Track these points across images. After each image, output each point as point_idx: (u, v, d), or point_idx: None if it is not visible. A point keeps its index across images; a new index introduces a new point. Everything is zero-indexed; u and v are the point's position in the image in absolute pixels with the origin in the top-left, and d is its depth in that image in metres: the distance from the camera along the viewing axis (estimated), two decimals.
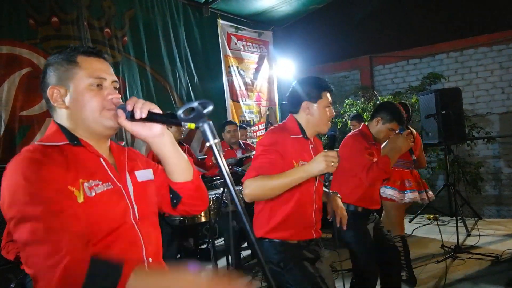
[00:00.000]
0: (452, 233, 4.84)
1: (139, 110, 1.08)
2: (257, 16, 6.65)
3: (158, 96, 5.03)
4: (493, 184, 6.98)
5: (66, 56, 1.17)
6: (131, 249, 1.13)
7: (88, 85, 1.15)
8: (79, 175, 1.08)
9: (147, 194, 1.25)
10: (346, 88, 7.97)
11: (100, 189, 1.10)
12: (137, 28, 4.90)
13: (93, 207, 1.06)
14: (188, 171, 1.27)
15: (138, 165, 1.28)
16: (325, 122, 2.07)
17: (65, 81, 1.15)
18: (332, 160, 1.74)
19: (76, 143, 1.13)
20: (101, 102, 1.15)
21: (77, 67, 1.15)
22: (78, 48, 1.19)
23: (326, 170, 1.75)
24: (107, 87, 1.18)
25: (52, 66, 1.17)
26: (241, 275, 4.06)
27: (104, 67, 1.19)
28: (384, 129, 2.81)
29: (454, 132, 5.12)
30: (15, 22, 3.76)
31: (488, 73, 6.98)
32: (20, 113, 3.74)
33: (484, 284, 3.50)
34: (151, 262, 1.17)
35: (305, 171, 1.79)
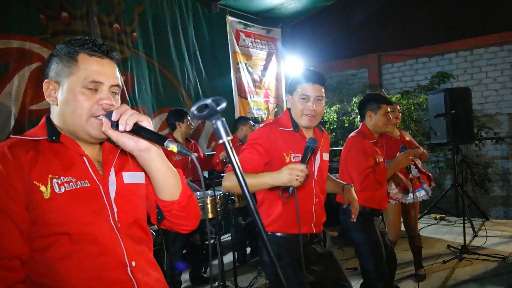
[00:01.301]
0: (459, 234, 4.82)
1: (124, 122, 1.02)
2: (266, 13, 6.63)
3: (166, 92, 5.04)
4: (501, 185, 6.93)
5: (69, 50, 1.11)
6: (110, 252, 1.08)
7: (81, 87, 1.09)
8: (49, 171, 1.05)
9: (132, 197, 1.18)
10: (354, 86, 7.94)
11: (72, 186, 1.06)
12: (146, 23, 4.91)
13: (60, 204, 1.03)
14: (175, 189, 1.19)
15: (129, 166, 1.21)
16: (299, 114, 2.04)
17: (61, 77, 1.11)
18: (298, 174, 1.71)
19: (55, 138, 1.10)
20: (90, 108, 1.09)
21: (75, 66, 1.10)
22: (84, 44, 1.12)
23: (289, 184, 1.73)
24: (103, 91, 1.11)
25: (55, 58, 1.13)
26: (246, 271, 4.09)
27: (105, 69, 1.12)
28: (380, 118, 2.86)
29: (462, 132, 5.09)
30: (25, 17, 3.78)
31: (498, 73, 6.91)
32: (29, 107, 3.77)
33: (490, 285, 3.48)
34: (134, 265, 1.11)
35: (271, 178, 1.79)
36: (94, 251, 1.06)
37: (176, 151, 0.98)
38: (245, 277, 4.00)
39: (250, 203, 0.88)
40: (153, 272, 1.19)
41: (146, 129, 1.04)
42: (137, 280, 1.11)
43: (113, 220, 1.10)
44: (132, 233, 1.15)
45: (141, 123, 1.04)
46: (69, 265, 1.03)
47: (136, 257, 1.13)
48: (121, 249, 1.10)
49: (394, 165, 2.76)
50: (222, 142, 0.89)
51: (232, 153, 0.89)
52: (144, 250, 1.19)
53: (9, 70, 3.64)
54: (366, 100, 2.96)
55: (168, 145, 0.99)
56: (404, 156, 2.76)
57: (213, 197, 3.48)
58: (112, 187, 1.14)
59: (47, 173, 1.04)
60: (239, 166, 0.88)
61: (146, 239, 1.22)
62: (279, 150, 1.97)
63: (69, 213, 1.04)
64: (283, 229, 2.01)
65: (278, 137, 2.00)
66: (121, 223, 1.12)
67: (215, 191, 3.47)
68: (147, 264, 1.17)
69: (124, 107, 1.06)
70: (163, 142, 1.00)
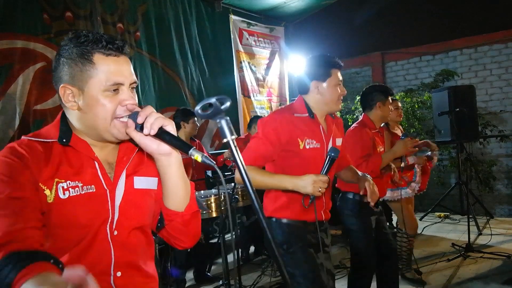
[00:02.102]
0: (463, 232, 4.81)
1: (149, 126, 1.01)
2: (269, 12, 6.62)
3: (170, 91, 5.06)
4: (505, 183, 6.90)
5: (81, 51, 1.04)
6: (98, 260, 1.07)
7: (103, 91, 1.05)
8: (56, 175, 1.03)
9: (140, 203, 1.15)
10: (358, 84, 7.92)
11: (77, 191, 1.04)
12: (150, 23, 4.92)
13: (62, 209, 1.02)
14: (182, 201, 1.16)
15: (142, 170, 1.18)
16: (336, 100, 2.05)
17: (79, 82, 1.05)
18: (321, 185, 1.74)
19: (65, 141, 1.08)
20: (114, 110, 1.06)
21: (93, 69, 1.04)
22: (97, 42, 1.05)
23: (312, 194, 1.76)
24: (124, 90, 1.08)
25: (66, 59, 1.06)
26: (250, 270, 4.10)
27: (123, 68, 1.08)
28: (387, 108, 2.95)
29: (467, 130, 5.07)
30: (29, 16, 3.80)
31: (503, 71, 6.87)
32: (34, 107, 3.79)
33: (495, 284, 3.47)
34: (119, 276, 1.09)
35: (292, 184, 1.81)
36: (81, 255, 1.05)
37: (200, 161, 0.96)
38: (249, 276, 4.01)
39: (253, 197, 0.88)
40: (144, 283, 1.17)
41: (170, 134, 1.02)
42: None
43: (109, 227, 1.08)
44: (130, 241, 1.12)
45: (166, 127, 1.02)
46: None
47: (125, 267, 1.11)
48: (109, 258, 1.08)
49: (391, 154, 2.77)
50: (227, 141, 0.89)
51: (236, 152, 0.89)
52: (140, 259, 1.16)
53: (14, 70, 3.66)
54: (374, 91, 2.99)
55: (193, 153, 0.97)
56: (402, 145, 2.75)
57: (217, 196, 3.49)
58: (119, 192, 1.11)
59: (54, 177, 1.03)
60: (244, 165, 0.88)
61: (147, 245, 1.20)
62: (294, 135, 1.95)
63: (67, 218, 1.03)
64: (292, 216, 2.00)
65: (291, 123, 1.97)
66: (119, 230, 1.10)
67: (219, 190, 3.48)
68: (138, 274, 1.15)
69: (149, 110, 1.04)
70: (188, 150, 0.98)
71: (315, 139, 2.00)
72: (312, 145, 1.98)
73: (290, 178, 1.83)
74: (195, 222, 1.20)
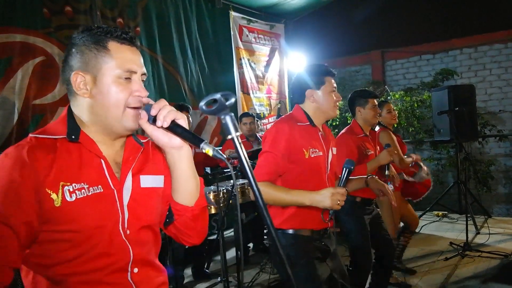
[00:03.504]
0: (461, 231, 4.82)
1: (162, 118, 1.01)
2: (269, 9, 6.60)
3: (169, 87, 5.04)
4: (503, 183, 6.92)
5: (96, 39, 1.06)
6: (117, 259, 1.07)
7: (116, 77, 1.06)
8: (61, 177, 1.02)
9: (147, 202, 1.15)
10: (357, 82, 7.91)
11: (83, 193, 1.03)
12: (150, 18, 4.90)
13: (71, 212, 1.01)
14: (193, 195, 1.17)
15: (148, 169, 1.18)
16: (332, 107, 2.08)
17: (93, 68, 1.06)
18: (339, 198, 1.74)
19: (74, 138, 1.06)
20: (126, 99, 1.07)
21: (107, 55, 1.06)
22: (111, 32, 1.07)
23: (330, 208, 1.76)
24: (136, 80, 1.09)
25: (79, 47, 1.07)
26: (249, 267, 4.10)
27: (135, 57, 1.09)
28: (368, 111, 2.99)
29: (466, 129, 5.08)
30: (29, 11, 3.77)
31: (503, 70, 6.88)
32: (33, 102, 3.76)
33: (493, 283, 3.48)
34: (136, 272, 1.10)
35: (310, 200, 1.80)
36: (97, 255, 1.05)
37: (211, 155, 0.96)
38: (248, 272, 4.01)
39: (261, 205, 0.88)
40: (156, 276, 1.18)
41: (182, 128, 1.03)
42: (138, 286, 1.11)
43: (122, 227, 1.08)
44: (141, 238, 1.13)
45: (178, 121, 1.03)
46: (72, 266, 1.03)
47: (141, 264, 1.12)
48: (128, 256, 1.09)
49: (375, 163, 2.81)
50: (231, 137, 0.88)
51: (241, 149, 0.88)
52: (151, 254, 1.17)
53: (13, 64, 3.64)
54: (353, 97, 3.09)
55: (204, 147, 0.96)
56: (386, 154, 2.78)
57: (216, 192, 3.48)
58: (127, 191, 1.11)
59: (60, 180, 1.01)
60: (248, 162, 0.88)
61: (156, 243, 1.20)
62: (299, 146, 1.97)
63: (79, 220, 1.02)
64: (299, 225, 2.00)
65: (296, 133, 1.99)
66: (130, 229, 1.10)
67: (218, 187, 3.47)
68: (151, 269, 1.16)
69: (163, 103, 1.04)
70: (199, 144, 0.97)
71: (318, 148, 2.02)
72: (315, 154, 2.01)
73: (307, 194, 1.82)
74: (203, 218, 1.21)
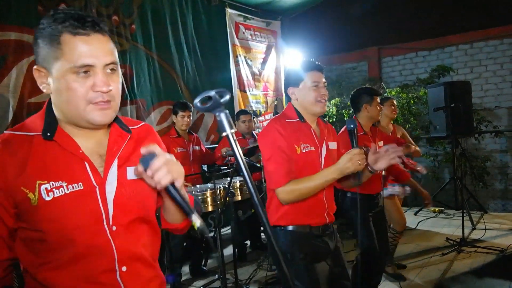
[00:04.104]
0: (457, 227, 4.85)
1: (157, 180, 0.96)
2: (266, 6, 6.58)
3: (165, 85, 5.02)
4: (499, 178, 6.96)
5: (50, 31, 0.98)
6: (100, 258, 1.03)
7: (71, 74, 0.97)
8: (37, 175, 0.98)
9: (136, 194, 1.09)
10: (354, 79, 7.92)
11: (62, 191, 0.98)
12: (145, 16, 4.87)
13: (49, 212, 0.97)
14: (181, 218, 1.18)
15: (135, 159, 1.05)
16: (313, 102, 2.04)
17: (48, 63, 0.99)
18: (358, 158, 1.78)
19: (49, 136, 1.01)
20: (85, 95, 0.99)
21: (58, 50, 0.97)
22: (65, 21, 0.97)
23: (355, 170, 1.81)
24: (97, 73, 0.99)
25: (39, 40, 1.00)
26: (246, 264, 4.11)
27: (94, 49, 0.98)
28: (374, 109, 3.07)
29: (462, 125, 5.09)
30: (23, 8, 3.74)
31: (498, 67, 6.91)
32: (28, 100, 3.74)
33: (488, 278, 3.51)
34: (125, 270, 1.06)
35: (336, 173, 1.85)
36: (81, 255, 1.01)
37: (196, 229, 0.96)
38: (245, 269, 4.02)
39: (257, 202, 0.88)
40: (148, 273, 1.14)
41: (176, 192, 0.98)
42: (127, 285, 1.07)
43: (107, 224, 1.03)
44: (131, 233, 1.08)
45: (177, 181, 0.99)
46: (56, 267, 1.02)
47: (130, 261, 1.08)
48: (112, 254, 1.04)
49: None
50: (226, 135, 0.88)
51: (236, 146, 0.88)
52: (143, 249, 1.12)
53: (7, 62, 3.61)
54: (359, 94, 3.13)
55: (193, 219, 0.96)
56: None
57: (213, 190, 3.48)
58: (111, 186, 1.05)
59: (36, 178, 0.97)
60: (243, 159, 0.88)
61: (152, 234, 1.16)
62: (290, 142, 1.98)
63: (57, 219, 0.98)
64: (295, 221, 2.01)
65: (287, 129, 2.00)
66: (117, 225, 1.05)
67: (215, 184, 3.47)
68: (142, 265, 1.12)
69: (162, 160, 0.96)
70: (189, 215, 0.97)
71: (309, 143, 2.02)
72: (307, 149, 2.01)
73: (329, 170, 1.88)
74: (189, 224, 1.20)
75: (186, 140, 4.07)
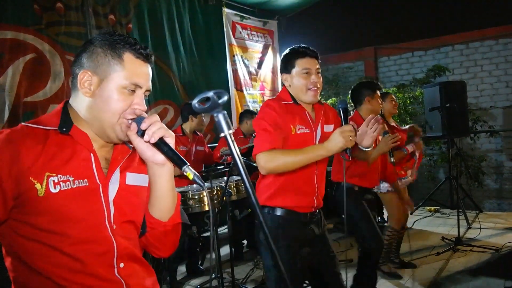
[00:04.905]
0: (453, 226, 4.87)
1: (151, 133, 1.04)
2: (263, 5, 6.59)
3: (162, 85, 5.01)
4: (494, 178, 7.00)
5: (114, 45, 1.09)
6: (101, 252, 1.08)
7: (121, 87, 1.09)
8: (47, 168, 1.03)
9: (132, 199, 1.16)
10: (350, 79, 7.94)
11: (68, 185, 1.04)
12: (142, 15, 4.87)
13: (54, 204, 1.02)
14: (168, 211, 1.18)
15: (134, 167, 1.19)
16: (303, 89, 2.01)
17: (102, 72, 1.09)
18: (349, 134, 1.76)
19: (65, 130, 1.07)
20: (125, 110, 1.09)
21: (120, 64, 1.09)
22: (130, 43, 1.11)
23: (346, 146, 1.77)
24: (138, 95, 1.12)
25: (95, 48, 1.10)
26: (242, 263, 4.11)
27: (145, 74, 1.13)
28: (375, 102, 3.10)
29: (457, 125, 5.12)
30: (20, 7, 3.73)
31: (493, 67, 6.94)
32: (24, 99, 3.73)
33: (484, 277, 3.53)
34: (122, 267, 1.12)
35: (325, 149, 1.81)
36: (82, 248, 1.06)
37: (191, 179, 1.01)
38: (242, 269, 4.03)
39: (254, 202, 0.88)
40: (145, 275, 1.20)
41: (168, 146, 1.06)
42: (126, 280, 1.12)
43: (108, 222, 1.09)
44: (126, 234, 1.14)
45: (166, 139, 1.06)
46: (54, 258, 1.04)
47: (127, 258, 1.14)
48: (113, 251, 1.10)
49: (377, 152, 2.82)
50: (224, 135, 0.89)
51: (234, 146, 0.89)
52: (136, 250, 1.19)
53: (3, 61, 3.60)
54: (361, 87, 3.16)
55: (186, 170, 1.01)
56: (384, 142, 2.81)
57: (210, 189, 3.48)
58: (113, 187, 1.12)
59: (45, 170, 1.02)
60: (241, 159, 0.88)
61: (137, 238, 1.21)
62: (286, 122, 1.97)
63: (61, 212, 1.03)
64: (284, 203, 2.00)
65: (283, 110, 1.99)
66: (116, 224, 1.11)
67: (212, 183, 3.47)
68: (139, 266, 1.18)
69: (154, 118, 1.07)
70: (182, 166, 1.02)
71: (304, 125, 2.02)
72: (302, 130, 2.01)
73: (319, 145, 1.86)
74: (175, 234, 1.24)
75: (190, 139, 4.07)
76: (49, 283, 1.04)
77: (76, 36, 4.13)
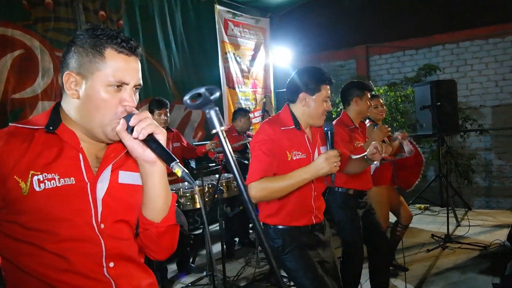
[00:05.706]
0: (442, 223, 4.92)
1: (140, 130, 1.01)
2: (255, 3, 6.57)
3: (153, 82, 4.97)
4: (483, 176, 7.08)
5: (94, 42, 1.05)
6: (90, 252, 1.07)
7: (106, 85, 1.05)
8: (32, 166, 1.01)
9: (125, 198, 1.13)
10: (342, 77, 7.96)
11: (53, 184, 1.03)
12: (133, 11, 4.82)
13: (38, 202, 1.01)
14: (160, 212, 1.14)
15: (128, 165, 1.16)
16: (320, 115, 2.06)
17: (86, 71, 1.06)
18: (334, 160, 1.77)
19: (51, 129, 1.06)
20: (115, 108, 1.06)
21: (102, 62, 1.05)
22: (112, 37, 1.06)
23: (330, 172, 1.80)
24: (127, 90, 1.08)
25: (77, 47, 1.06)
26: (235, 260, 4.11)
27: (131, 69, 1.09)
28: (364, 103, 3.02)
29: (448, 124, 5.17)
30: (8, 2, 3.67)
31: (483, 66, 7.01)
32: (12, 96, 3.67)
33: (472, 273, 3.57)
34: (112, 266, 1.10)
35: (309, 173, 1.83)
36: (67, 247, 1.04)
37: (180, 176, 0.99)
38: (233, 266, 4.02)
39: (246, 199, 0.88)
40: (140, 275, 1.18)
41: (158, 143, 1.03)
42: (116, 281, 1.10)
43: (95, 220, 1.07)
44: (117, 232, 1.12)
45: (156, 135, 1.03)
46: (41, 257, 1.03)
47: (118, 258, 1.11)
48: (100, 250, 1.08)
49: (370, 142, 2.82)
50: (216, 132, 0.88)
51: (225, 143, 0.88)
52: (131, 251, 1.16)
53: None
54: (350, 87, 3.10)
55: (174, 167, 0.98)
56: (378, 131, 2.80)
57: (201, 187, 3.47)
58: (102, 185, 1.10)
59: (30, 169, 1.01)
60: (233, 156, 0.88)
61: (134, 240, 1.19)
62: (282, 149, 1.99)
63: (46, 210, 1.01)
64: (285, 222, 2.04)
65: (280, 136, 2.01)
66: (105, 223, 1.09)
67: (203, 181, 3.46)
68: (133, 266, 1.16)
69: (144, 114, 1.04)
70: (170, 163, 0.99)
71: (301, 150, 2.04)
72: (298, 156, 2.03)
73: (303, 170, 1.86)
74: (170, 236, 1.18)
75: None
76: (37, 283, 1.03)
77: (66, 33, 4.07)
